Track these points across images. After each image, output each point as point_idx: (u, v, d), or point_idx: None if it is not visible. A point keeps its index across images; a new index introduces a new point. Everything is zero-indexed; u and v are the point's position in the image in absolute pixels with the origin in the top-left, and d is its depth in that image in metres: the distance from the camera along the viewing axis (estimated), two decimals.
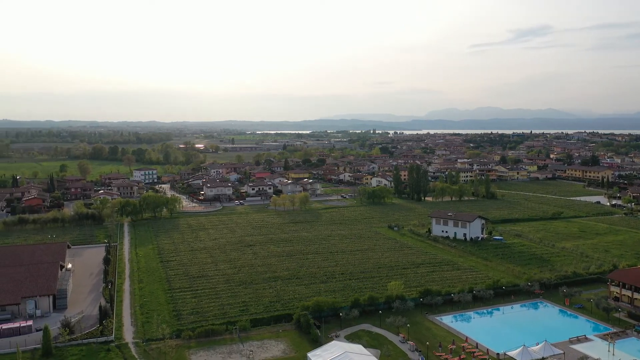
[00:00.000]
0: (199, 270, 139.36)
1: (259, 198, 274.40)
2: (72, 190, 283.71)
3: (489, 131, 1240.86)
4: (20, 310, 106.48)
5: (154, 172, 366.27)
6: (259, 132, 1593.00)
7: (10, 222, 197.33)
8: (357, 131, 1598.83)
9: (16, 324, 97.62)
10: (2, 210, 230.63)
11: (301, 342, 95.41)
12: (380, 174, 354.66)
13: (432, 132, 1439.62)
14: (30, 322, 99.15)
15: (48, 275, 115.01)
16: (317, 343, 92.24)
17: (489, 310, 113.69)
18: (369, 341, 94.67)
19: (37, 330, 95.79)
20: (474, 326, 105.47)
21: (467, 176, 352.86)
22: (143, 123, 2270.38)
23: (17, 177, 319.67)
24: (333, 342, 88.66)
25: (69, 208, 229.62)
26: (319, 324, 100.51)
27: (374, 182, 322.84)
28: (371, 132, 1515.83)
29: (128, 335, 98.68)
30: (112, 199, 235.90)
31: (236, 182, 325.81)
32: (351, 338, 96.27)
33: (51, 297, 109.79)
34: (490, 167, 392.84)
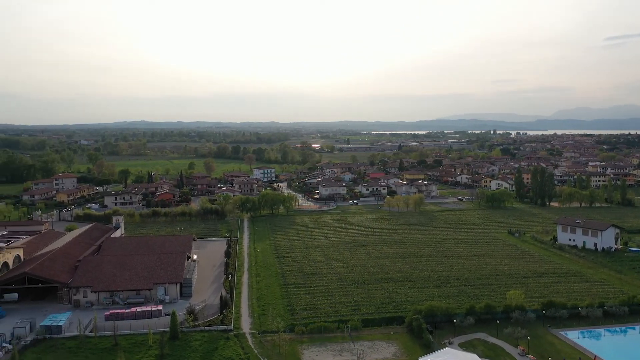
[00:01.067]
0: (313, 268, 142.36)
1: (373, 198, 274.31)
2: (199, 186, 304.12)
3: (626, 131, 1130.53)
4: (152, 295, 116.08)
5: (272, 170, 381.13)
6: (374, 133, 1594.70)
7: (145, 214, 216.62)
8: (476, 131, 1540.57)
9: (148, 308, 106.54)
10: (139, 204, 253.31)
11: (413, 346, 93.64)
12: (500, 176, 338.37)
13: (559, 132, 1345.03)
14: (160, 307, 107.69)
15: (176, 264, 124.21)
16: (429, 349, 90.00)
17: (623, 328, 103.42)
18: (485, 351, 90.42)
19: (165, 315, 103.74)
20: (604, 345, 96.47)
21: (599, 181, 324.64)
22: (263, 124, 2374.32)
23: (152, 174, 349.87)
24: (446, 349, 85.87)
25: (196, 203, 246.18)
26: (431, 329, 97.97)
27: (493, 184, 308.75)
28: (491, 132, 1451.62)
29: (245, 325, 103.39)
30: (233, 195, 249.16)
31: (350, 182, 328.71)
32: (465, 346, 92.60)
33: (178, 285, 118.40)
34: (627, 171, 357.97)
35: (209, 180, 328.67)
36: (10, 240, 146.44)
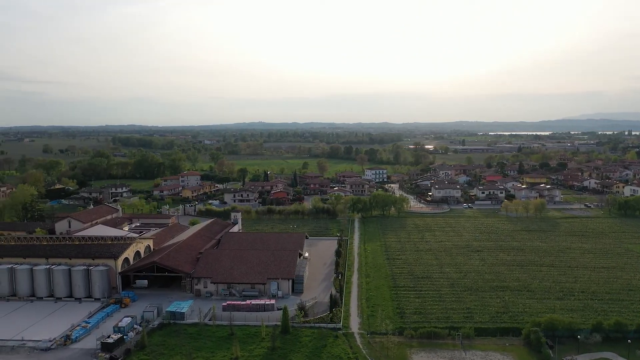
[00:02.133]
0: (424, 271, 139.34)
1: (489, 202, 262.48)
2: (311, 185, 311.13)
3: None
4: (265, 290, 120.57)
5: (384, 171, 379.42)
6: (492, 133, 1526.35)
7: (261, 211, 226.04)
8: (608, 132, 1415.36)
9: (262, 301, 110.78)
10: (255, 201, 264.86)
11: None
12: (635, 181, 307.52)
13: None
14: (273, 301, 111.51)
15: (289, 261, 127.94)
16: None
17: None
18: None
19: (277, 309, 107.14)
20: None
21: None
22: (376, 124, 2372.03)
23: (268, 173, 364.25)
24: None
25: (308, 202, 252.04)
26: (551, 344, 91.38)
27: (627, 190, 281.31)
28: (625, 133, 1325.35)
29: (354, 325, 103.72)
30: (345, 195, 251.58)
31: (465, 185, 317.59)
32: None
33: (290, 281, 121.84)
34: None
35: (321, 180, 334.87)
36: (142, 232, 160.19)
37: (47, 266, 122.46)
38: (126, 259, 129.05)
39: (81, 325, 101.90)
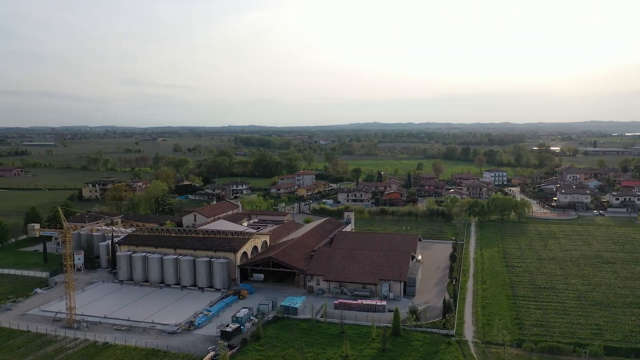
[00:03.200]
0: (547, 281, 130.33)
1: (624, 209, 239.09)
2: (426, 187, 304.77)
3: None
4: (377, 290, 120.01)
5: (504, 174, 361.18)
6: (629, 134, 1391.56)
7: (374, 212, 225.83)
8: None
9: (373, 302, 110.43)
10: (368, 201, 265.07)
11: None
12: None
13: None
14: (384, 302, 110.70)
15: (401, 263, 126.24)
16: None
17: None
18: None
19: (389, 311, 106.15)
20: None
21: None
22: (495, 124, 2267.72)
23: (382, 173, 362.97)
24: None
25: (422, 204, 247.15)
26: None
27: None
28: None
29: (468, 333, 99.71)
30: (461, 198, 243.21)
31: (596, 190, 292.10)
32: None
33: (402, 283, 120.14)
34: None
35: (436, 181, 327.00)
36: (259, 228, 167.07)
37: (175, 256, 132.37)
38: (244, 253, 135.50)
39: (203, 313, 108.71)
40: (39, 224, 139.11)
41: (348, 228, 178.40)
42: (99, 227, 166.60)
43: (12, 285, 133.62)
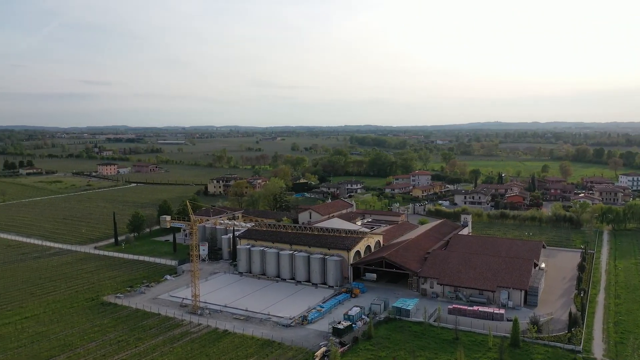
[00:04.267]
0: None
1: None
2: (552, 191, 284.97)
3: None
4: (494, 298, 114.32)
5: None
6: None
7: (493, 215, 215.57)
8: None
9: (490, 309, 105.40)
10: (487, 204, 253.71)
11: None
12: None
13: None
14: (502, 311, 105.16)
15: (522, 270, 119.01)
16: None
17: None
18: None
19: (507, 320, 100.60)
20: None
21: None
22: (635, 124, 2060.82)
23: (502, 175, 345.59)
24: None
25: (547, 208, 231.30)
26: None
27: None
28: None
29: (597, 351, 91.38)
30: (592, 203, 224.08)
31: None
32: None
33: (523, 291, 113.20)
34: None
35: (564, 184, 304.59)
36: (373, 227, 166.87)
37: (291, 252, 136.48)
38: (357, 252, 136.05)
39: (316, 309, 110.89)
40: (169, 216, 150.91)
41: (465, 231, 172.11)
42: (222, 221, 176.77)
43: (146, 271, 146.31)
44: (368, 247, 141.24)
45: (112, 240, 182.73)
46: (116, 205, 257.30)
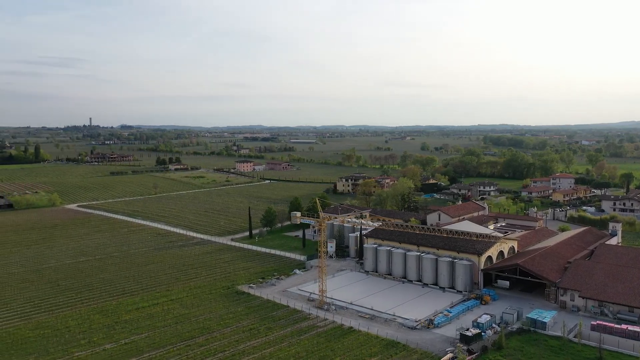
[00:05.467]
0: None
1: None
2: None
3: None
4: None
5: None
6: None
7: None
8: None
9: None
10: None
11: None
12: None
13: None
14: None
15: None
16: None
17: None
18: None
19: None
20: None
21: None
22: None
23: None
24: None
25: None
26: None
27: None
28: None
29: None
30: None
31: None
32: None
33: None
34: None
35: None
36: (507, 232, 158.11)
37: (418, 253, 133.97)
38: (489, 257, 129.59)
39: (443, 313, 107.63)
40: (300, 213, 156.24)
41: (613, 241, 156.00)
42: (349, 219, 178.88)
43: (276, 264, 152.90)
44: (501, 252, 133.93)
45: (247, 233, 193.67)
46: (251, 201, 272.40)
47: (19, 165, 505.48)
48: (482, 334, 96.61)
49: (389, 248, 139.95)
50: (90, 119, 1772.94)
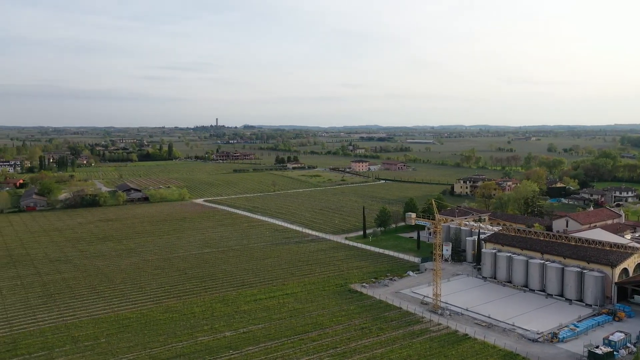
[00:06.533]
0: None
1: None
2: None
3: None
4: None
5: None
6: None
7: None
8: None
9: None
10: None
11: None
12: None
13: None
14: None
15: None
16: None
17: None
18: None
19: None
20: None
21: None
22: None
23: None
24: None
25: None
26: None
27: None
28: None
29: None
30: None
31: None
32: None
33: None
34: None
35: None
36: None
37: (542, 261, 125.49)
38: (624, 270, 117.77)
39: (569, 327, 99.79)
40: (414, 214, 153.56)
41: None
42: (467, 222, 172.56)
43: (389, 265, 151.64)
44: (639, 265, 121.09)
45: (361, 232, 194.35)
46: (365, 200, 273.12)
47: (155, 162, 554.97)
48: (615, 353, 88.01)
49: (509, 254, 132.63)
50: (217, 119, 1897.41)
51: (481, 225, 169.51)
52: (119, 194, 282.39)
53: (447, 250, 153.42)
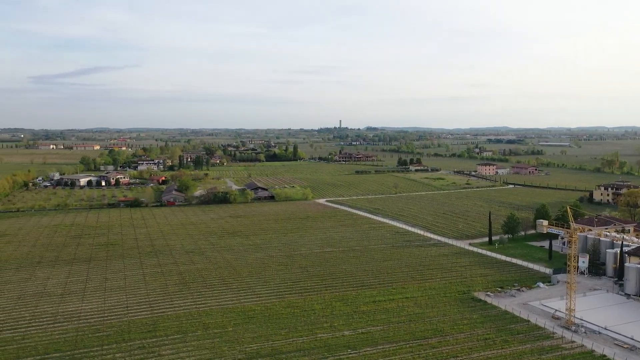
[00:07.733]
0: None
1: None
2: None
3: None
4: None
5: None
6: None
7: None
8: None
9: None
10: None
11: None
12: None
13: None
14: None
15: None
16: None
17: None
18: None
19: None
20: None
21: None
22: None
23: None
24: None
25: None
26: None
27: None
28: None
29: None
30: None
31: None
32: None
33: None
34: None
35: None
36: None
37: None
38: None
39: None
40: (547, 221, 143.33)
41: None
42: (608, 233, 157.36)
43: (517, 274, 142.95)
44: None
45: (486, 238, 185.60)
46: (492, 205, 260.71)
47: (281, 162, 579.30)
48: None
49: None
50: (340, 121, 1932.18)
51: (625, 236, 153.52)
52: (247, 192, 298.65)
53: (583, 262, 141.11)
